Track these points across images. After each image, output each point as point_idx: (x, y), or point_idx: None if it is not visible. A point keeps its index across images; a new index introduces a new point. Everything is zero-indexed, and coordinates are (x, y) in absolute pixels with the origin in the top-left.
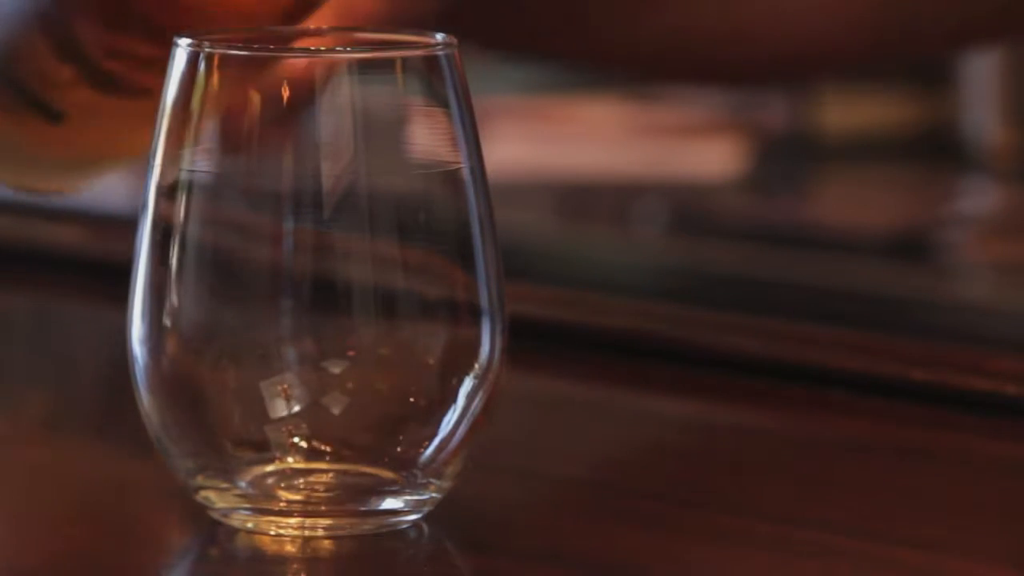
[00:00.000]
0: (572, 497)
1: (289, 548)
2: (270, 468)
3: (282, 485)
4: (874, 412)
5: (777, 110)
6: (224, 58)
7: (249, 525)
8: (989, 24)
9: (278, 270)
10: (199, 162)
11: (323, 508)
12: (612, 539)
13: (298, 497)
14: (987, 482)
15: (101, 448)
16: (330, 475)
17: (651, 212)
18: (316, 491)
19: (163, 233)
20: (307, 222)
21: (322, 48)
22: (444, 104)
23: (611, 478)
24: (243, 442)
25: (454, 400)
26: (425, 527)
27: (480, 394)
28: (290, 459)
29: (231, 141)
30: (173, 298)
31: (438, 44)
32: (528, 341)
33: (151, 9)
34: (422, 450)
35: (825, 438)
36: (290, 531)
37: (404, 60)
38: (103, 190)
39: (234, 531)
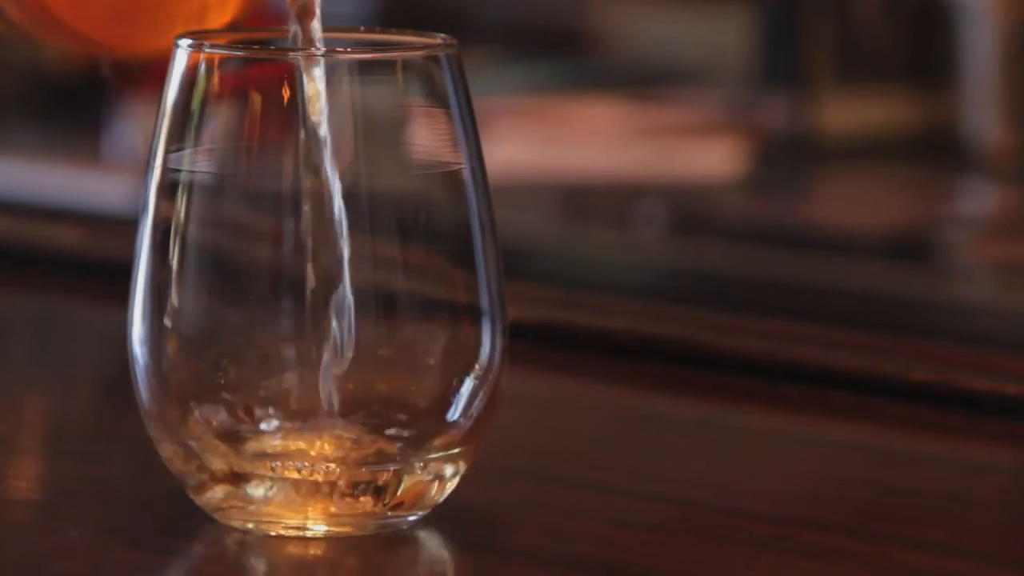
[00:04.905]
0: (572, 497)
1: (289, 548)
2: (270, 468)
3: (282, 486)
4: (874, 412)
5: (777, 110)
6: (224, 59)
7: (249, 525)
8: None
9: (278, 270)
10: (199, 162)
11: (323, 508)
12: (611, 539)
13: (298, 498)
14: (987, 482)
15: (101, 448)
16: (330, 475)
17: (651, 212)
18: (316, 491)
19: (163, 234)
20: (307, 222)
21: (322, 48)
22: (444, 104)
23: (612, 479)
24: (243, 442)
25: (454, 400)
26: (426, 527)
27: (480, 394)
28: (290, 459)
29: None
30: (173, 299)
31: (438, 44)
32: (528, 341)
33: None
34: (423, 450)
35: (825, 438)
36: (290, 531)
37: (404, 60)
38: (103, 190)
39: (234, 531)
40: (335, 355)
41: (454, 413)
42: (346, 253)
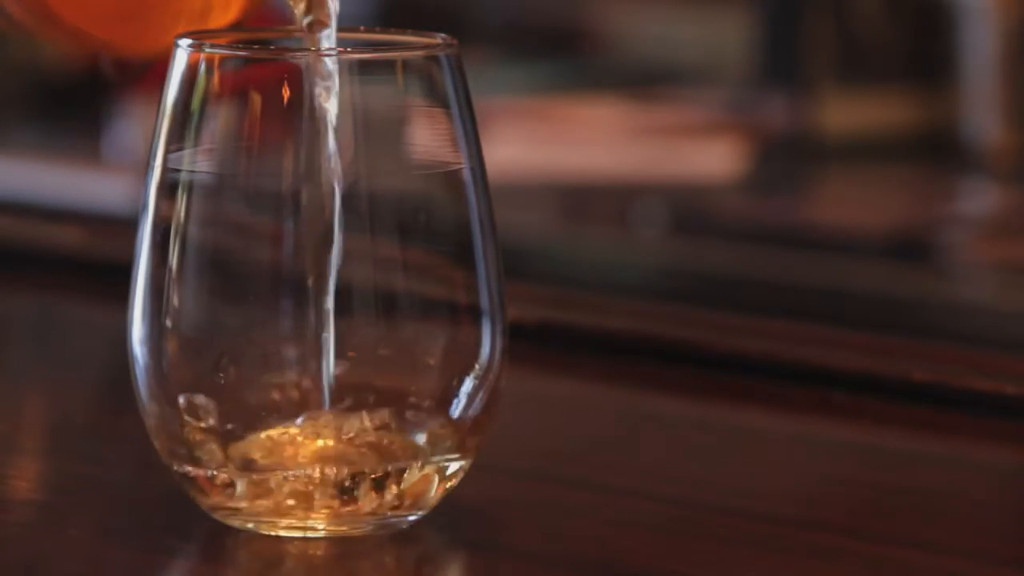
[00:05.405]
0: (572, 497)
1: (289, 548)
2: (270, 468)
3: (282, 485)
4: (875, 412)
5: (777, 110)
6: (224, 58)
7: (249, 526)
8: None
9: (278, 270)
10: (199, 162)
11: (324, 508)
12: (611, 539)
13: (298, 497)
14: (987, 482)
15: (101, 448)
16: (330, 475)
17: (651, 212)
18: (316, 491)
19: (163, 234)
20: (307, 222)
21: (322, 48)
22: (444, 104)
23: (612, 479)
24: (243, 442)
25: (454, 400)
26: (426, 527)
27: (480, 394)
28: (290, 459)
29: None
30: (173, 298)
31: (438, 44)
32: (528, 341)
33: None
34: (423, 450)
35: (825, 438)
36: (290, 531)
37: (404, 60)
38: (103, 190)
39: (234, 531)
40: (335, 355)
41: (454, 413)
42: (336, 251)
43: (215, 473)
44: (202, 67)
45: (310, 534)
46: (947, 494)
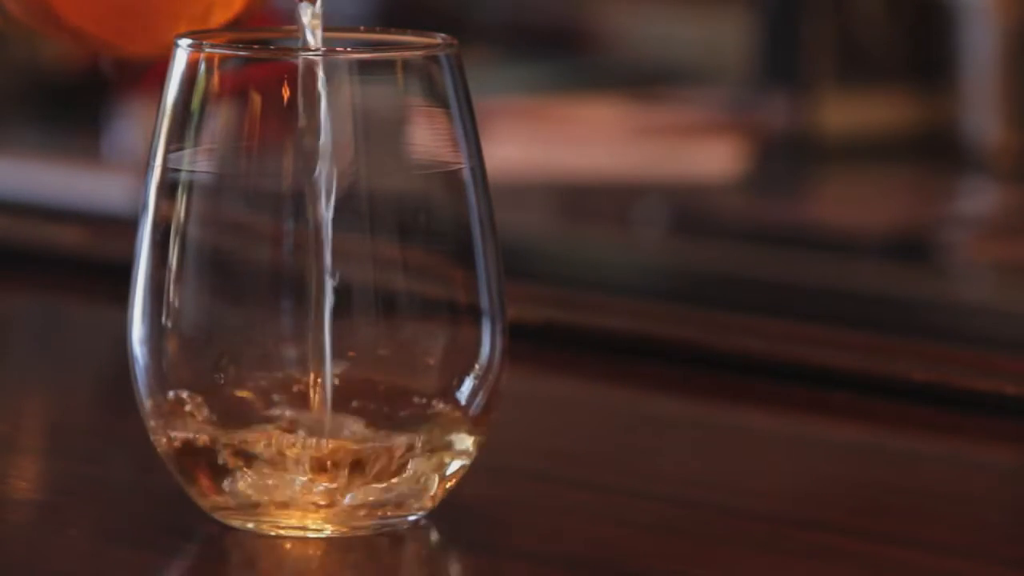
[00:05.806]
0: (572, 497)
1: (289, 548)
2: (270, 469)
3: (282, 485)
4: (875, 412)
5: (777, 110)
6: (224, 58)
7: (249, 525)
8: None
9: (278, 270)
10: (199, 162)
11: (323, 508)
12: (611, 539)
13: (297, 498)
14: (987, 482)
15: (101, 448)
16: (330, 476)
17: (651, 212)
18: (315, 492)
19: (163, 234)
20: (307, 222)
21: (322, 48)
22: (444, 104)
23: (612, 479)
24: (243, 443)
25: (454, 400)
26: (426, 527)
27: (480, 394)
28: (289, 460)
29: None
30: (173, 298)
31: (438, 44)
32: (528, 341)
33: None
34: (422, 450)
35: (825, 438)
36: (290, 531)
37: (404, 60)
38: (103, 190)
39: (234, 531)
40: (335, 355)
41: (454, 413)
42: (328, 253)
43: (215, 472)
44: (202, 67)
45: (310, 534)
46: (947, 494)
